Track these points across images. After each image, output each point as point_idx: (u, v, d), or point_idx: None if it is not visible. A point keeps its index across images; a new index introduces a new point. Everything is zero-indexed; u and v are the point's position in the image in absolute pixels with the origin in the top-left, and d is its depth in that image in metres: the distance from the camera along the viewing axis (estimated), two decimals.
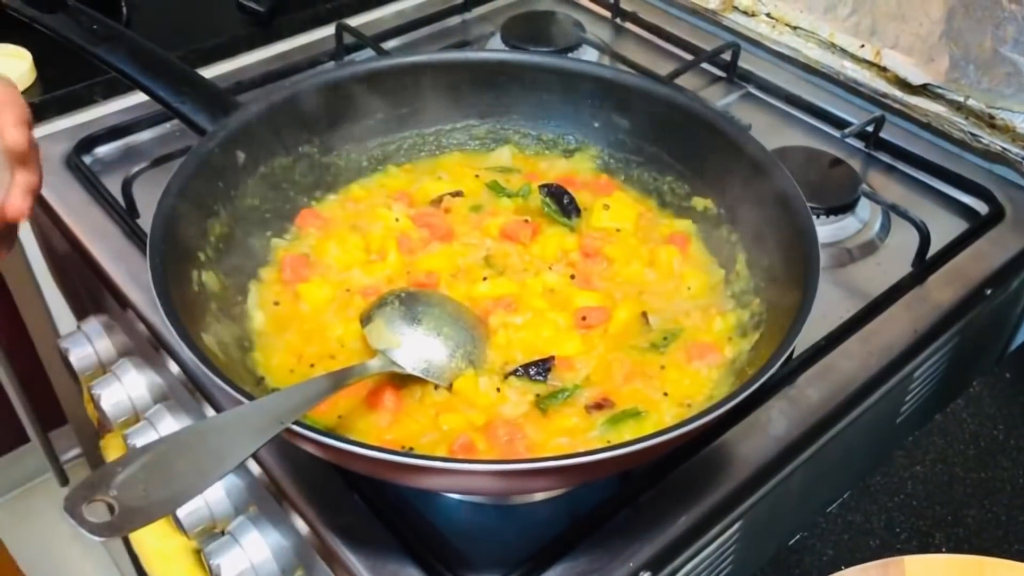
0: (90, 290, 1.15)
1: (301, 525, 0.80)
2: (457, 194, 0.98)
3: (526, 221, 0.95)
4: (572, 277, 0.90)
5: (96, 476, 0.51)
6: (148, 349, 1.01)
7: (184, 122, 0.90)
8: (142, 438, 0.98)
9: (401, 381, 0.80)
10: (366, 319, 0.82)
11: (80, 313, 1.32)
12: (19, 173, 0.78)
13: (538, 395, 0.80)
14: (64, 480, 1.89)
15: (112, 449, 1.19)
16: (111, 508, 0.50)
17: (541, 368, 0.81)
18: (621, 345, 0.85)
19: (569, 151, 1.04)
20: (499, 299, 0.87)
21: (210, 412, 0.90)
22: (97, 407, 1.03)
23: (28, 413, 1.85)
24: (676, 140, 0.97)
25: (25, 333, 1.58)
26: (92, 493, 0.50)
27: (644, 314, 0.87)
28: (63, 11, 0.94)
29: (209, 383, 0.86)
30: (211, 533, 0.92)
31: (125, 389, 1.04)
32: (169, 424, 1.00)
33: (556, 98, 1.01)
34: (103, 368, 1.11)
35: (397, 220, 0.94)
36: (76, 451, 1.89)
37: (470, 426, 0.77)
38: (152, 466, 0.53)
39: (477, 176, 1.01)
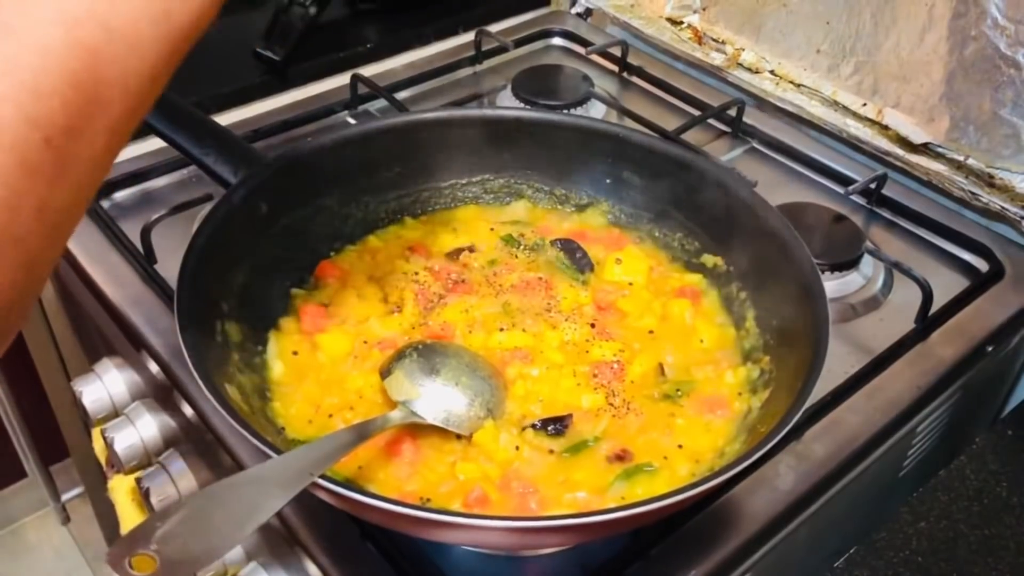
0: (103, 332, 1.15)
1: (314, 572, 0.80)
2: (472, 249, 1.00)
3: (540, 278, 0.96)
4: (592, 326, 0.92)
5: (138, 530, 0.52)
6: (162, 392, 1.02)
7: (207, 173, 0.91)
8: (155, 482, 0.99)
9: (419, 430, 0.81)
10: (385, 372, 0.83)
11: (91, 353, 1.33)
12: None
13: (551, 450, 0.81)
14: (65, 518, 1.88)
15: (120, 491, 1.19)
16: (154, 561, 0.51)
17: (559, 425, 0.82)
18: (637, 396, 0.86)
19: (581, 206, 1.06)
20: (516, 350, 0.89)
21: (225, 458, 0.91)
22: (110, 450, 1.04)
23: (30, 448, 1.85)
24: (685, 198, 0.98)
25: (32, 369, 1.59)
26: (135, 547, 0.51)
27: (660, 365, 0.88)
28: None
29: (228, 432, 0.88)
30: None
31: (138, 432, 1.05)
32: (181, 468, 1.01)
33: (570, 154, 1.03)
34: (116, 411, 1.11)
35: (416, 274, 0.96)
36: (78, 490, 1.88)
37: (485, 478, 0.78)
38: (190, 520, 0.55)
39: (492, 229, 1.03)
